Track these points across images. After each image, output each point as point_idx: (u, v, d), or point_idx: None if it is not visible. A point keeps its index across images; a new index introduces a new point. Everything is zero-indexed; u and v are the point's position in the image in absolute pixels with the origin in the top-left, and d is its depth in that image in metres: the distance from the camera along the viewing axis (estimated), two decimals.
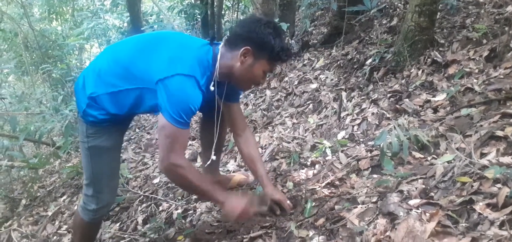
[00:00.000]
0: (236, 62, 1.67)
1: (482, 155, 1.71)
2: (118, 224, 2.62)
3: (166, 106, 1.56)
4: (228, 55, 1.69)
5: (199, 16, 6.96)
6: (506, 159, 1.59)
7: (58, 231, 2.91)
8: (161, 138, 1.63)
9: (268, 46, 1.65)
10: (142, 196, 2.81)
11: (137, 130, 4.85)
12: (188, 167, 1.68)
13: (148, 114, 4.62)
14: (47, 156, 4.77)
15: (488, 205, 1.38)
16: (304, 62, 4.20)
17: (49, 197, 3.61)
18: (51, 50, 8.16)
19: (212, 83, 1.73)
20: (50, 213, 3.17)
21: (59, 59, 7.92)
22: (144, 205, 2.69)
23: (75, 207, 3.11)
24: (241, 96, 3.84)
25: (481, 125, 1.91)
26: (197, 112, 1.69)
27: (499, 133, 1.76)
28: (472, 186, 1.51)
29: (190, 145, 3.50)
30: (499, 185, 1.44)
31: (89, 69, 1.79)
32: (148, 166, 3.39)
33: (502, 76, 2.26)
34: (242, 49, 1.64)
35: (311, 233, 1.67)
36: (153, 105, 1.65)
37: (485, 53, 2.52)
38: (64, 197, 3.48)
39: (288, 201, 1.95)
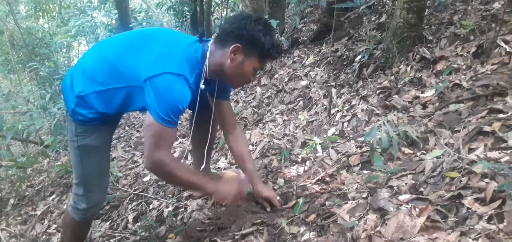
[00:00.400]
0: (226, 60, 1.65)
1: (470, 150, 1.73)
2: (108, 222, 2.60)
3: (153, 105, 1.54)
4: (218, 52, 1.67)
5: (188, 13, 6.94)
6: (493, 154, 1.61)
7: (47, 231, 2.88)
8: (147, 137, 1.61)
9: (259, 43, 1.62)
10: (132, 195, 2.79)
11: (126, 128, 4.81)
12: (174, 163, 1.67)
13: (137, 112, 4.59)
14: (35, 155, 4.71)
15: (476, 199, 1.40)
16: (294, 59, 4.21)
17: (38, 196, 3.57)
18: (38, 48, 8.07)
19: (202, 80, 1.71)
20: (39, 213, 3.14)
21: (46, 57, 7.83)
22: (134, 203, 2.67)
23: (64, 206, 3.08)
24: (231, 94, 3.84)
25: (469, 121, 1.93)
26: (186, 109, 1.68)
27: (487, 128, 1.78)
28: (460, 181, 1.53)
29: (180, 142, 3.49)
30: (487, 180, 1.46)
31: (76, 67, 1.76)
32: (138, 164, 3.36)
33: (489, 72, 2.28)
34: (232, 46, 1.62)
35: (302, 229, 1.67)
36: (143, 104, 1.63)
37: (473, 49, 2.54)
38: (53, 196, 3.45)
39: (278, 198, 1.96)
